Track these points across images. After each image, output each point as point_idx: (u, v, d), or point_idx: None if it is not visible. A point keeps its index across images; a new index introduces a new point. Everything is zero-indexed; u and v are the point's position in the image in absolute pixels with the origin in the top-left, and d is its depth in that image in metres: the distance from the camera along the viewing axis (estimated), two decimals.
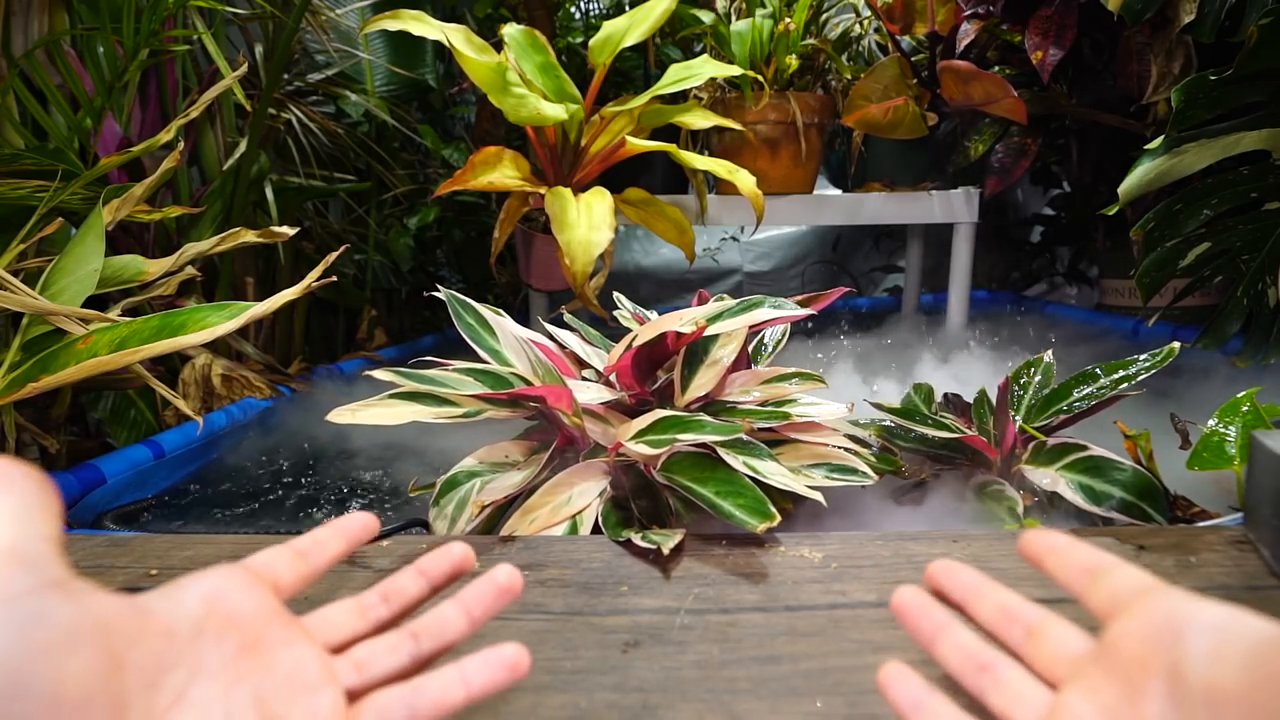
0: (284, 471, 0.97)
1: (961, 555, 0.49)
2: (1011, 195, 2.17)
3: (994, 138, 1.46)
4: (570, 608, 0.44)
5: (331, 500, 0.87)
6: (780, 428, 0.64)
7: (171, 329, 0.68)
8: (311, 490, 0.91)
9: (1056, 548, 0.32)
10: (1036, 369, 0.77)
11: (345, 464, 0.99)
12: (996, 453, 0.68)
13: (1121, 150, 1.45)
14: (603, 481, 0.58)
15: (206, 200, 1.22)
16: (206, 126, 1.31)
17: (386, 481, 0.92)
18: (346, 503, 0.86)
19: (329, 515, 0.84)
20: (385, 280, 1.90)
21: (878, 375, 1.15)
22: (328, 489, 0.91)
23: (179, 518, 0.84)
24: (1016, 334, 1.49)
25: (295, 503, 0.87)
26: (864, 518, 0.65)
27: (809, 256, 2.48)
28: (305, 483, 0.93)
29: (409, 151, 1.93)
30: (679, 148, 1.24)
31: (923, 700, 0.28)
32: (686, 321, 0.62)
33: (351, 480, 0.93)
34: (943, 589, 0.33)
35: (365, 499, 0.87)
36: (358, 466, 0.97)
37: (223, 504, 0.87)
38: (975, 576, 0.33)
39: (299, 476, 0.94)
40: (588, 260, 1.09)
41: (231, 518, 0.83)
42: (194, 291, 1.19)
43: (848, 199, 1.53)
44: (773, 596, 0.44)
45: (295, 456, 1.02)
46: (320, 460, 1.00)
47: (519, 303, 2.00)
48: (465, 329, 0.68)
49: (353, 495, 0.88)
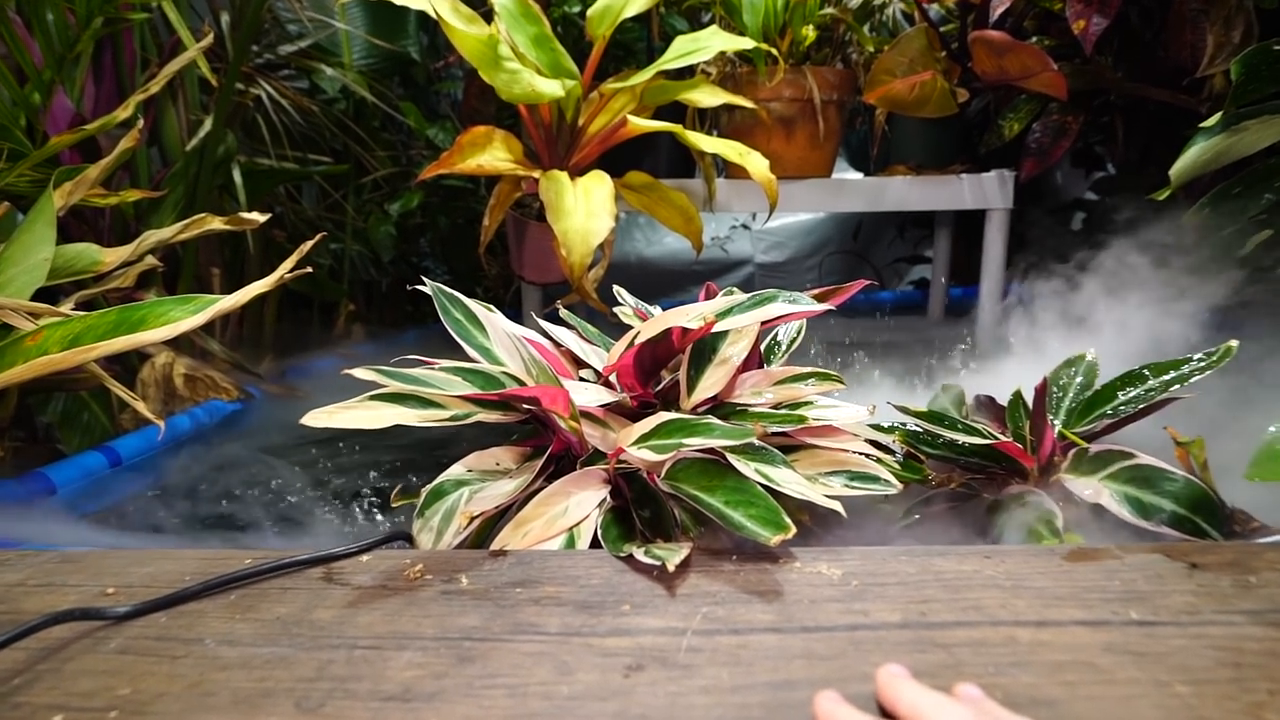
0: (254, 480, 0.97)
1: (995, 572, 0.49)
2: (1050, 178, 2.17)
3: (1031, 115, 1.46)
4: (567, 628, 0.44)
5: (306, 510, 0.87)
6: (795, 432, 0.64)
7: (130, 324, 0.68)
8: (284, 500, 0.91)
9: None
10: (1077, 368, 0.77)
11: (320, 471, 0.99)
12: (1033, 460, 0.68)
13: (1173, 128, 1.44)
14: (602, 491, 0.58)
15: (168, 183, 1.23)
16: (168, 103, 1.31)
17: (365, 489, 0.92)
18: (322, 513, 0.86)
19: (303, 527, 0.85)
20: (364, 272, 1.91)
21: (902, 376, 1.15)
22: (302, 498, 0.91)
23: (137, 531, 0.84)
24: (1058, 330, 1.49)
25: (266, 514, 0.87)
26: (887, 531, 0.65)
27: (827, 246, 2.48)
28: (277, 492, 0.93)
29: (390, 131, 1.93)
30: (685, 128, 1.24)
31: None
32: (693, 317, 0.63)
33: (328, 488, 0.93)
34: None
35: (342, 508, 0.87)
36: (334, 473, 0.97)
37: (186, 516, 0.87)
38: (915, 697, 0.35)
39: (270, 485, 0.95)
40: (586, 250, 1.09)
41: (196, 530, 0.84)
42: (154, 283, 1.19)
43: (869, 183, 1.53)
44: (788, 616, 0.45)
45: (266, 463, 1.02)
46: (293, 467, 1.01)
47: (510, 297, 2.00)
48: (453, 325, 0.68)
49: (329, 505, 0.88)
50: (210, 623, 0.46)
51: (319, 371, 1.47)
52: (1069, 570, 0.49)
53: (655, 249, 2.47)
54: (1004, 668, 0.40)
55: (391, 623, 0.45)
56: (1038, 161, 1.42)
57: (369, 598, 0.48)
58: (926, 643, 0.42)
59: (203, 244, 1.38)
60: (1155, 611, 0.44)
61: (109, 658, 0.42)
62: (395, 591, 0.48)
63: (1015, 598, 0.46)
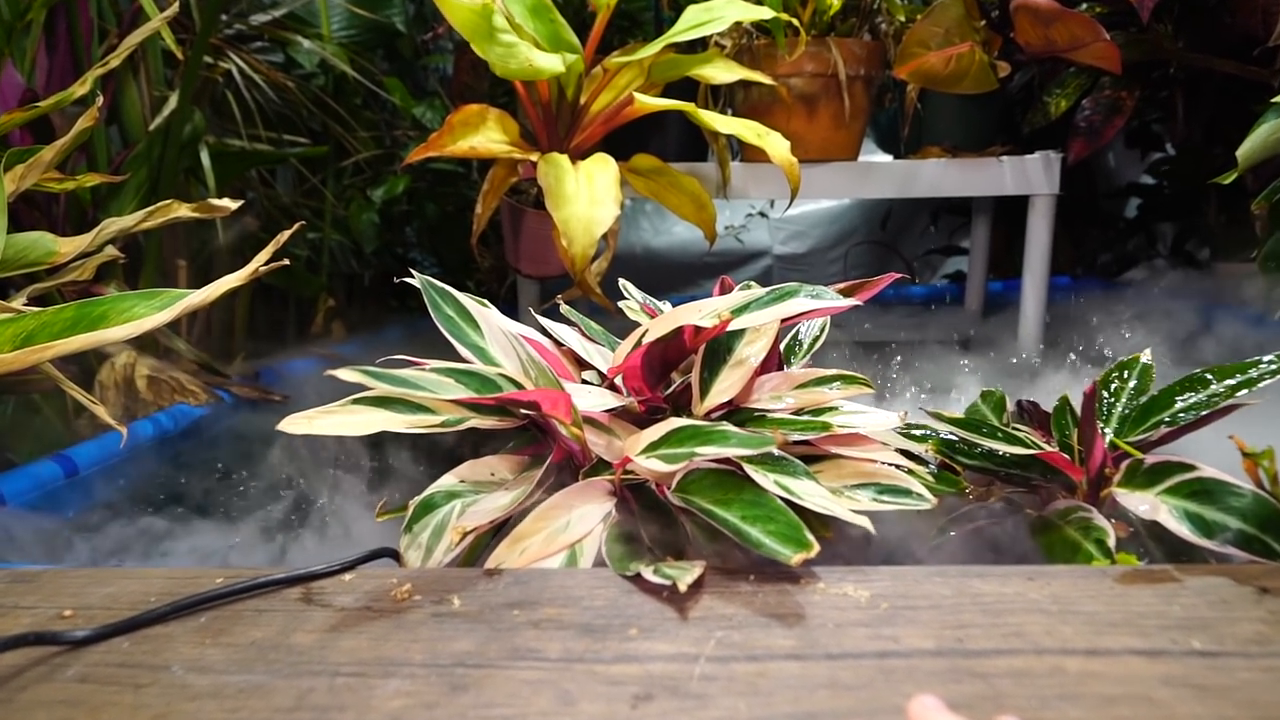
0: (223, 491, 0.97)
1: (1039, 595, 0.49)
2: (1101, 161, 2.17)
3: (1080, 91, 1.45)
4: (569, 654, 0.44)
5: (282, 526, 0.88)
6: (818, 441, 0.64)
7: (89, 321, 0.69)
8: (257, 514, 0.91)
9: None
10: (1131, 372, 0.77)
11: (298, 482, 0.99)
12: (1081, 472, 0.68)
13: (1240, 104, 1.44)
14: (607, 504, 0.59)
15: (129, 167, 1.23)
16: (129, 78, 1.32)
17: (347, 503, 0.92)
18: (300, 529, 0.86)
19: (278, 545, 0.85)
20: (345, 264, 1.91)
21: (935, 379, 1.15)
22: (277, 513, 0.91)
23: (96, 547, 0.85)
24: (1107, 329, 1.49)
25: (237, 530, 0.88)
26: (919, 549, 0.65)
27: (852, 236, 2.48)
28: (249, 505, 0.93)
29: (373, 110, 1.94)
30: (697, 106, 1.25)
31: None
32: (707, 314, 0.63)
33: (306, 501, 0.93)
34: None
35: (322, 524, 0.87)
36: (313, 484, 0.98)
37: (150, 531, 0.88)
38: None
39: (242, 498, 0.95)
40: (588, 241, 1.09)
41: (161, 547, 0.84)
42: (114, 276, 1.20)
43: (900, 167, 1.53)
44: (810, 642, 0.45)
45: (237, 474, 1.02)
46: (267, 478, 1.01)
47: (505, 292, 2.00)
48: (444, 321, 0.68)
49: (308, 520, 0.88)
50: (178, 648, 0.46)
51: (296, 373, 1.48)
52: (1122, 594, 0.49)
53: (664, 239, 2.48)
54: (1049, 700, 0.40)
55: (377, 648, 0.45)
56: (1088, 142, 1.42)
57: (352, 620, 0.48)
58: (963, 672, 0.42)
59: (168, 233, 1.39)
60: (1220, 641, 0.44)
61: (67, 686, 0.43)
62: (381, 613, 0.49)
63: (1062, 623, 0.46)
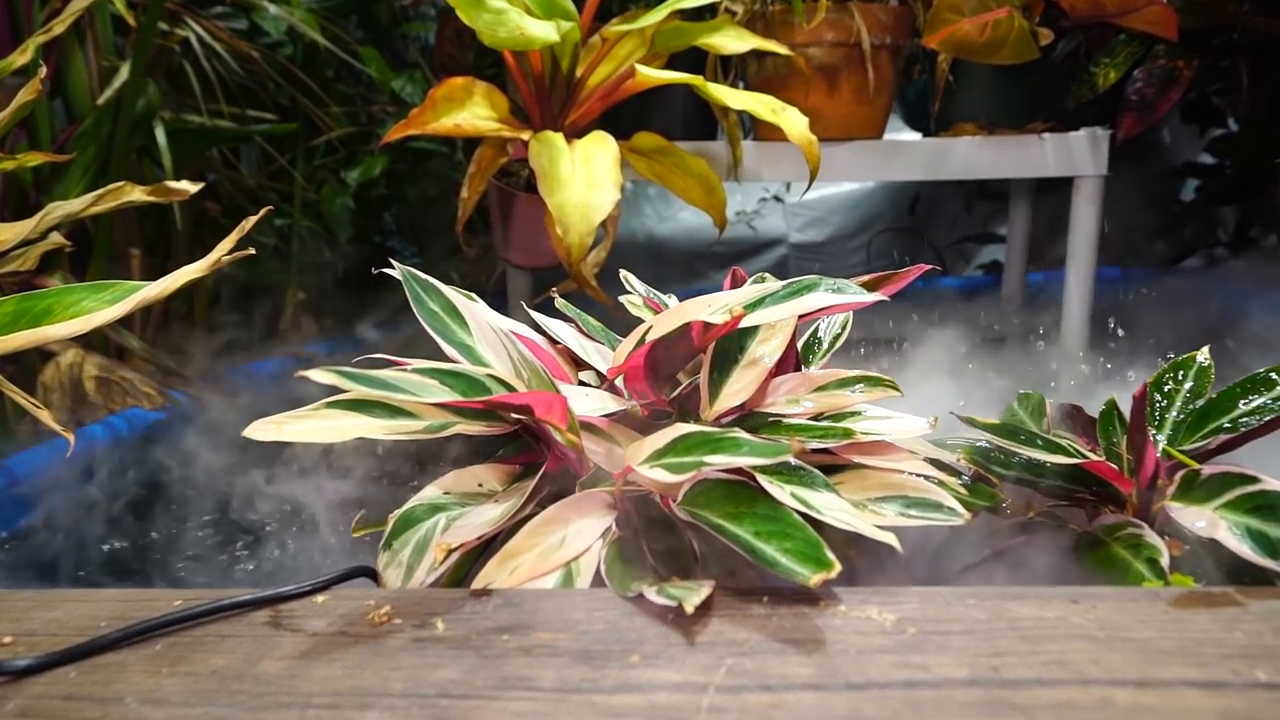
0: (181, 504, 0.98)
1: (1084, 619, 0.49)
2: (1155, 138, 2.17)
3: (1132, 60, 1.45)
4: (564, 683, 0.44)
5: (245, 543, 0.88)
6: (839, 449, 0.64)
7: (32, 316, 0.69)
8: (218, 530, 0.91)
9: None
10: (1186, 373, 0.77)
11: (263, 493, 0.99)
12: (1131, 484, 0.68)
13: None
14: (606, 518, 0.59)
15: (76, 145, 1.23)
16: (75, 46, 1.32)
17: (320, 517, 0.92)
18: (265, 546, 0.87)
19: (241, 563, 0.85)
20: (317, 253, 1.92)
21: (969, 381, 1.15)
22: (240, 528, 0.91)
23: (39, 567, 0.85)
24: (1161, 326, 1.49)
25: (195, 547, 0.88)
26: (950, 568, 0.65)
27: (877, 223, 2.48)
28: (209, 520, 0.94)
29: (347, 83, 1.94)
30: (705, 79, 1.25)
31: None
32: (717, 309, 0.63)
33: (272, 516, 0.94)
34: None
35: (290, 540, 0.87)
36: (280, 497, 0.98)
37: (99, 549, 0.88)
38: None
39: (201, 512, 0.95)
40: (585, 228, 1.09)
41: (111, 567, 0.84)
42: (60, 266, 1.20)
43: (930, 146, 1.53)
44: (830, 670, 0.45)
45: (196, 485, 1.03)
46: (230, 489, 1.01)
47: (494, 284, 2.01)
48: (427, 317, 0.68)
49: (274, 536, 0.89)
50: (131, 678, 0.46)
51: (263, 373, 1.48)
52: (1177, 619, 0.49)
53: (669, 227, 2.48)
54: None
55: (353, 676, 0.45)
56: (1140, 117, 1.41)
57: (325, 647, 0.48)
58: (1000, 704, 0.42)
59: (119, 219, 1.39)
60: None
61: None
62: (357, 639, 0.49)
63: (1110, 651, 0.46)
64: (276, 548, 0.87)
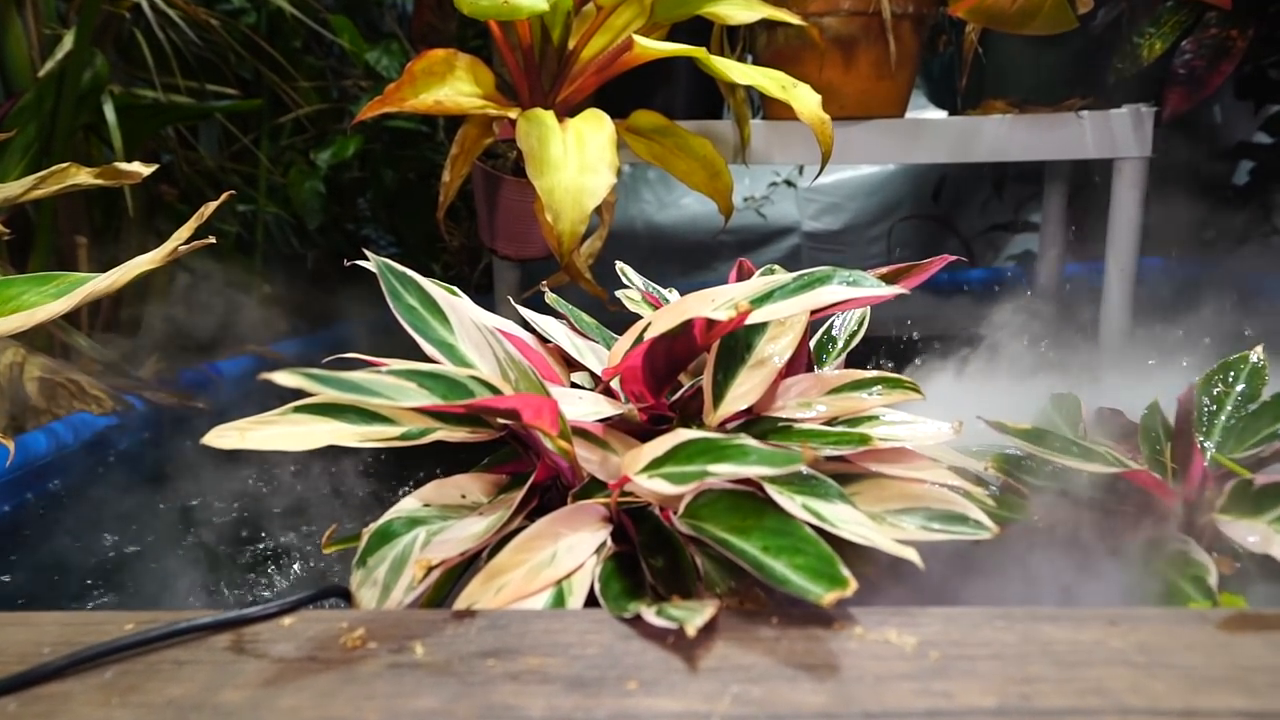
0: (133, 519, 0.98)
1: (1123, 643, 0.49)
2: (1205, 116, 2.17)
3: (1180, 30, 1.45)
4: (555, 712, 0.45)
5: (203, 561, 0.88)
6: (855, 457, 0.65)
7: None
8: (173, 547, 0.92)
9: None
10: (1237, 374, 0.77)
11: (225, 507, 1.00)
12: (1175, 495, 0.68)
13: None
14: (601, 532, 0.59)
15: (14, 122, 1.23)
16: (11, 12, 1.32)
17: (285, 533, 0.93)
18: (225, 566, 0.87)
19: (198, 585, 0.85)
20: (283, 243, 1.92)
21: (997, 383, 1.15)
22: (198, 545, 0.91)
23: None
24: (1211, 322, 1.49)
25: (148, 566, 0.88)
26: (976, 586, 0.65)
27: (898, 210, 2.49)
28: (164, 536, 0.94)
29: (316, 54, 1.94)
30: (710, 52, 1.25)
31: None
32: (721, 304, 0.63)
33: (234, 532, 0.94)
34: None
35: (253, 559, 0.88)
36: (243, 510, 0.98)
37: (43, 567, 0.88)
38: None
39: (155, 527, 0.96)
40: (578, 216, 1.10)
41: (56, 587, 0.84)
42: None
43: (956, 125, 1.53)
44: (845, 698, 0.45)
45: (150, 498, 1.03)
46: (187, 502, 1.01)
47: (478, 277, 2.01)
48: (405, 313, 0.69)
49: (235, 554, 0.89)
50: (79, 709, 0.46)
51: (224, 375, 1.48)
52: (1226, 643, 0.49)
53: (670, 214, 2.48)
54: None
55: (323, 706, 0.46)
56: (1188, 92, 1.41)
57: (293, 673, 0.48)
58: None
59: (64, 204, 1.39)
60: None
61: None
62: (328, 665, 0.49)
63: (1152, 678, 0.46)
64: (241, 570, 0.88)
